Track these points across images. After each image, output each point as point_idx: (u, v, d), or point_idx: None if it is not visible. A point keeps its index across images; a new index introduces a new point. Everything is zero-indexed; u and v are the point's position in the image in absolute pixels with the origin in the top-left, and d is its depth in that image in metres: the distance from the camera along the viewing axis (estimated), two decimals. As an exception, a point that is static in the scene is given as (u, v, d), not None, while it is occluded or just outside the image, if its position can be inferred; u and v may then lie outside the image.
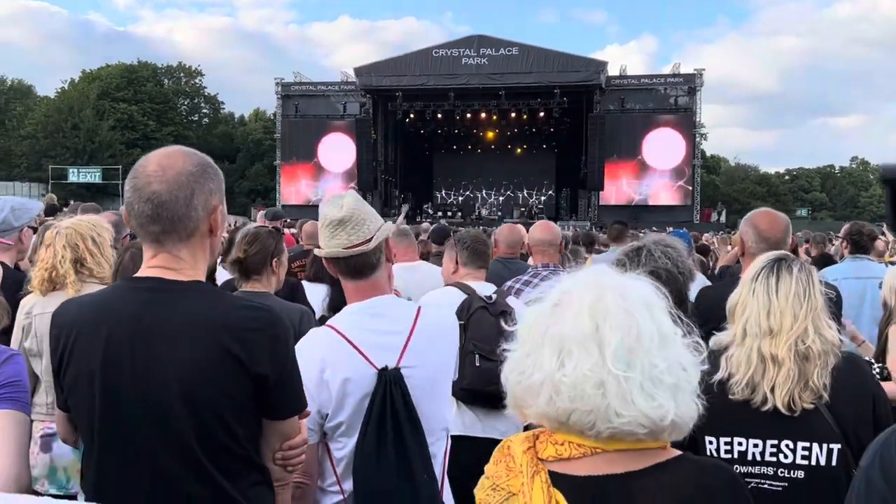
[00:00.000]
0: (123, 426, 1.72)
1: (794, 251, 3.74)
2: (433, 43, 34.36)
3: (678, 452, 1.35)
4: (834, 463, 2.10)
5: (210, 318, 1.73)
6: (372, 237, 2.24)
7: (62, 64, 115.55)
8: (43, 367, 3.03)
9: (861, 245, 5.49)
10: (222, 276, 4.94)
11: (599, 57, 35.74)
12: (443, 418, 2.33)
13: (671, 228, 15.86)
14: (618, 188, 33.41)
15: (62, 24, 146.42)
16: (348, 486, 2.20)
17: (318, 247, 4.47)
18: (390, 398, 2.15)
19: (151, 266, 1.78)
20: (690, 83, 33.36)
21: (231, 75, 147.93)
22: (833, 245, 9.42)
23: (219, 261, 5.07)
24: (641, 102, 33.71)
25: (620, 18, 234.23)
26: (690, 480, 1.30)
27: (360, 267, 2.26)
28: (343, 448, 2.21)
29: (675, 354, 1.31)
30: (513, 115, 33.37)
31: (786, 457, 2.10)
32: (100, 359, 1.71)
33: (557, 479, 1.28)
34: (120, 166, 41.35)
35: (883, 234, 13.47)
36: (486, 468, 1.40)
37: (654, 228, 17.27)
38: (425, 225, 10.57)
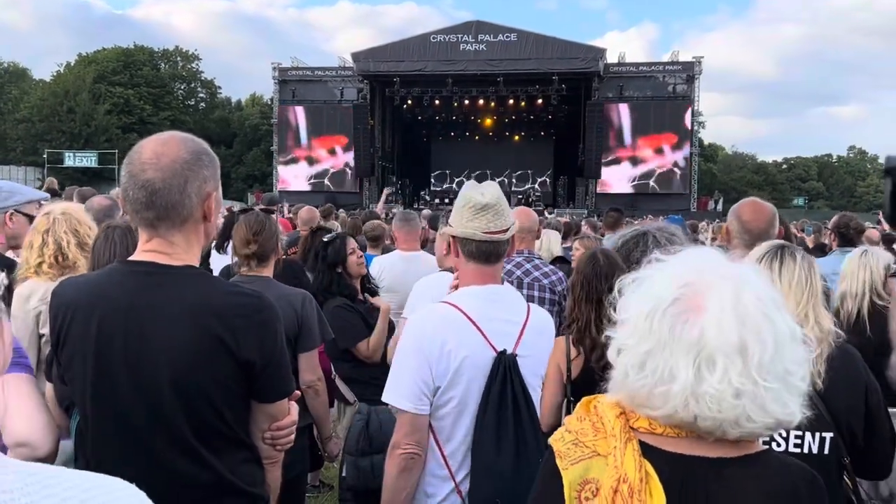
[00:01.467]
0: (116, 405, 1.77)
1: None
2: (433, 29, 34.18)
3: (765, 446, 1.34)
4: (826, 451, 2.12)
5: (200, 303, 1.77)
6: (508, 228, 2.34)
7: (58, 47, 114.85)
8: None
9: (848, 238, 5.50)
10: (216, 261, 4.94)
11: (599, 44, 35.59)
12: (538, 408, 2.41)
13: (661, 217, 15.81)
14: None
15: (59, 7, 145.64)
16: (460, 474, 2.24)
17: (324, 230, 4.45)
18: (510, 382, 2.23)
19: (146, 250, 1.82)
20: (689, 71, 33.29)
21: (229, 60, 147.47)
22: (826, 231, 9.44)
23: (212, 245, 5.08)
24: (640, 90, 33.64)
25: (621, 5, 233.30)
26: (778, 476, 1.29)
27: (489, 254, 2.33)
28: (452, 432, 2.25)
29: (801, 354, 1.28)
30: (511, 101, 33.30)
31: (778, 445, 2.10)
32: (93, 340, 1.76)
33: (648, 451, 1.27)
34: (116, 151, 41.30)
35: (879, 223, 13.49)
36: (568, 421, 1.39)
37: (650, 216, 17.26)
38: (426, 212, 10.59)
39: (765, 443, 2.07)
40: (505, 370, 2.23)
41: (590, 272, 2.77)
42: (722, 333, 1.21)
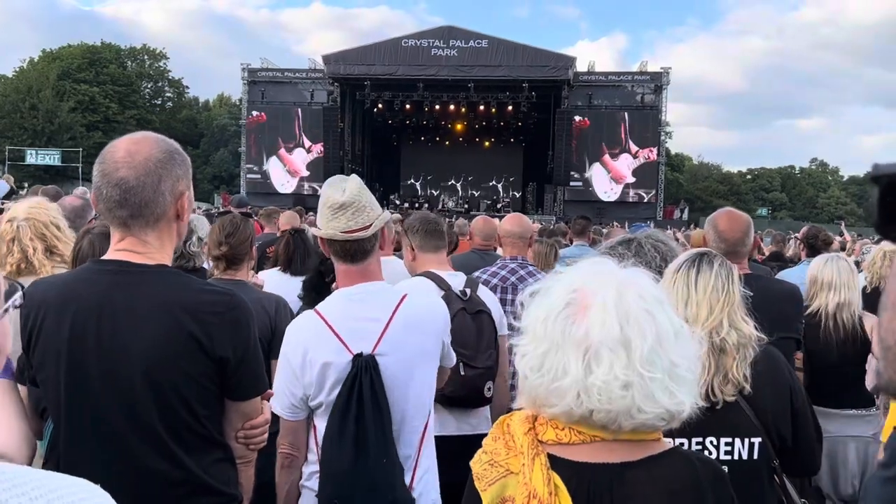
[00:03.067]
0: (89, 403, 1.77)
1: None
2: (407, 33, 34.13)
3: (670, 445, 1.41)
4: (756, 456, 2.16)
5: (173, 301, 1.78)
6: (370, 224, 2.31)
7: (22, 43, 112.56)
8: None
9: (815, 248, 5.70)
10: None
11: (570, 53, 35.75)
12: (422, 403, 2.39)
13: (627, 224, 15.98)
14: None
15: (23, 2, 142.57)
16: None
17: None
18: (359, 384, 2.21)
19: (119, 249, 1.82)
20: (657, 81, 33.71)
21: (198, 59, 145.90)
22: (790, 245, 9.65)
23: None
24: (608, 99, 33.97)
25: (592, 15, 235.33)
26: (681, 474, 1.35)
27: (354, 252, 2.32)
28: (322, 425, 2.30)
29: (687, 349, 1.36)
30: (481, 107, 33.40)
31: (710, 453, 2.13)
32: (66, 338, 1.76)
33: (556, 463, 1.32)
34: (80, 149, 40.57)
35: (841, 234, 13.81)
36: (485, 443, 1.44)
37: (616, 224, 17.46)
38: (395, 215, 10.57)
39: (698, 450, 2.13)
40: (357, 373, 2.22)
41: None
42: (605, 329, 1.29)
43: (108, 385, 1.75)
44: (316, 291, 4.11)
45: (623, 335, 1.29)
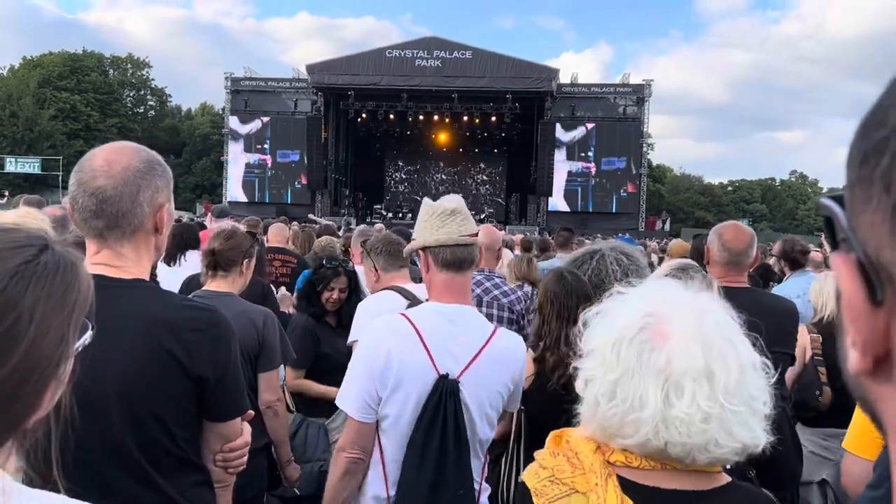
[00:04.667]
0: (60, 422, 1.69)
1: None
2: (391, 43, 34.20)
3: (729, 478, 1.36)
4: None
5: (150, 317, 1.71)
6: (477, 233, 2.29)
7: (3, 50, 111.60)
8: None
9: (794, 260, 5.68)
10: (168, 274, 4.81)
11: (555, 64, 36.02)
12: (488, 438, 2.34)
13: (612, 237, 16.06)
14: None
15: (4, 9, 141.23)
16: (393, 489, 2.22)
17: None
18: (444, 407, 2.16)
19: (94, 262, 1.75)
20: (639, 93, 33.99)
21: (182, 68, 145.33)
22: (771, 257, 9.70)
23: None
24: (591, 110, 34.19)
25: (577, 27, 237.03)
26: None
27: (462, 260, 2.27)
28: (390, 444, 2.23)
29: (762, 381, 1.30)
30: (465, 118, 33.51)
31: None
32: None
33: (626, 486, 1.27)
34: (61, 157, 40.26)
35: (821, 245, 13.92)
36: (540, 457, 1.38)
37: (599, 235, 17.51)
38: (379, 226, 10.55)
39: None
40: (441, 396, 2.16)
41: (560, 290, 2.78)
42: (688, 359, 1.23)
43: (82, 405, 1.67)
44: (307, 300, 4.10)
45: (707, 366, 1.23)
